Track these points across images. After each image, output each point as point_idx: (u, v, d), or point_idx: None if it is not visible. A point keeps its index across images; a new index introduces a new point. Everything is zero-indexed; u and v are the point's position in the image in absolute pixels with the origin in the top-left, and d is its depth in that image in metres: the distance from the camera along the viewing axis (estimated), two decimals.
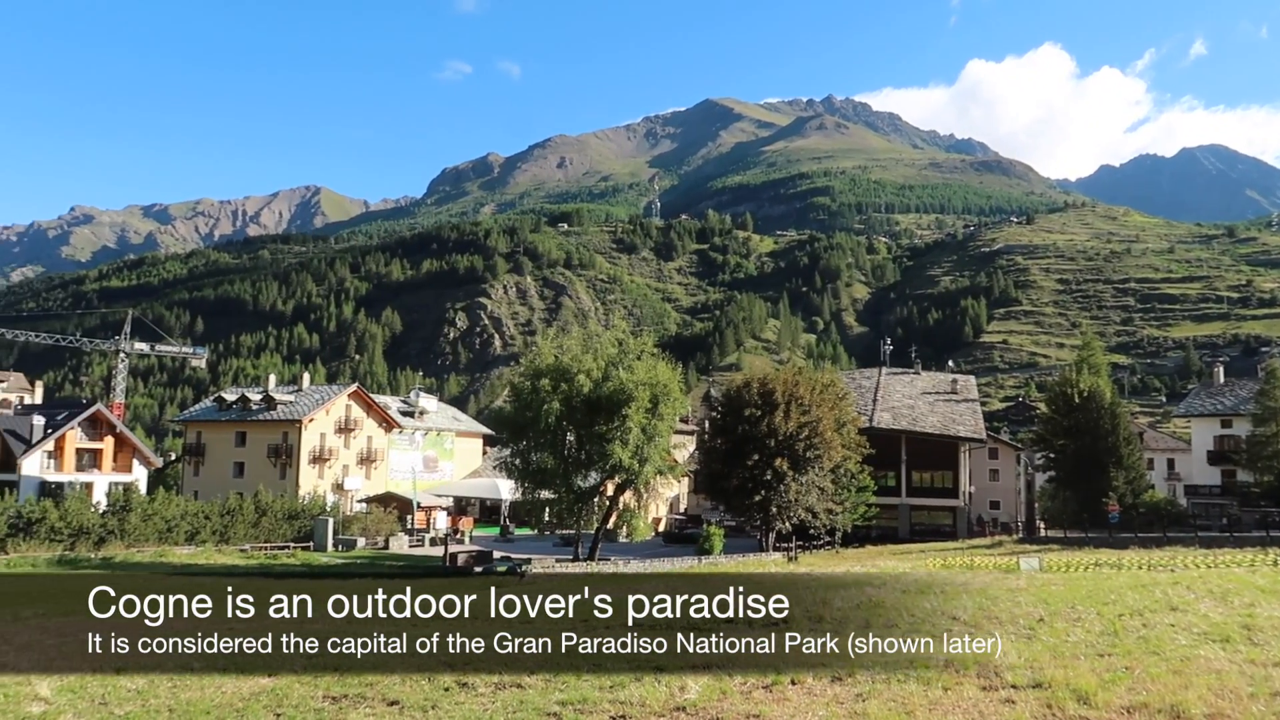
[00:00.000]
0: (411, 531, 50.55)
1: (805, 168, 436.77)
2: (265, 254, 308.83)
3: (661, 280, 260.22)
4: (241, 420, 63.60)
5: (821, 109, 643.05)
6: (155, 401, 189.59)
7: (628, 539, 48.59)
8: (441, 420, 74.72)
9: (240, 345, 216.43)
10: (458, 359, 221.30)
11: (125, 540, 40.19)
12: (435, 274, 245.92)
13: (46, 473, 58.17)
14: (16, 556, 34.23)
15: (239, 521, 45.02)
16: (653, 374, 35.03)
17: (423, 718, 9.14)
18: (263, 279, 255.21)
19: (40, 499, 45.88)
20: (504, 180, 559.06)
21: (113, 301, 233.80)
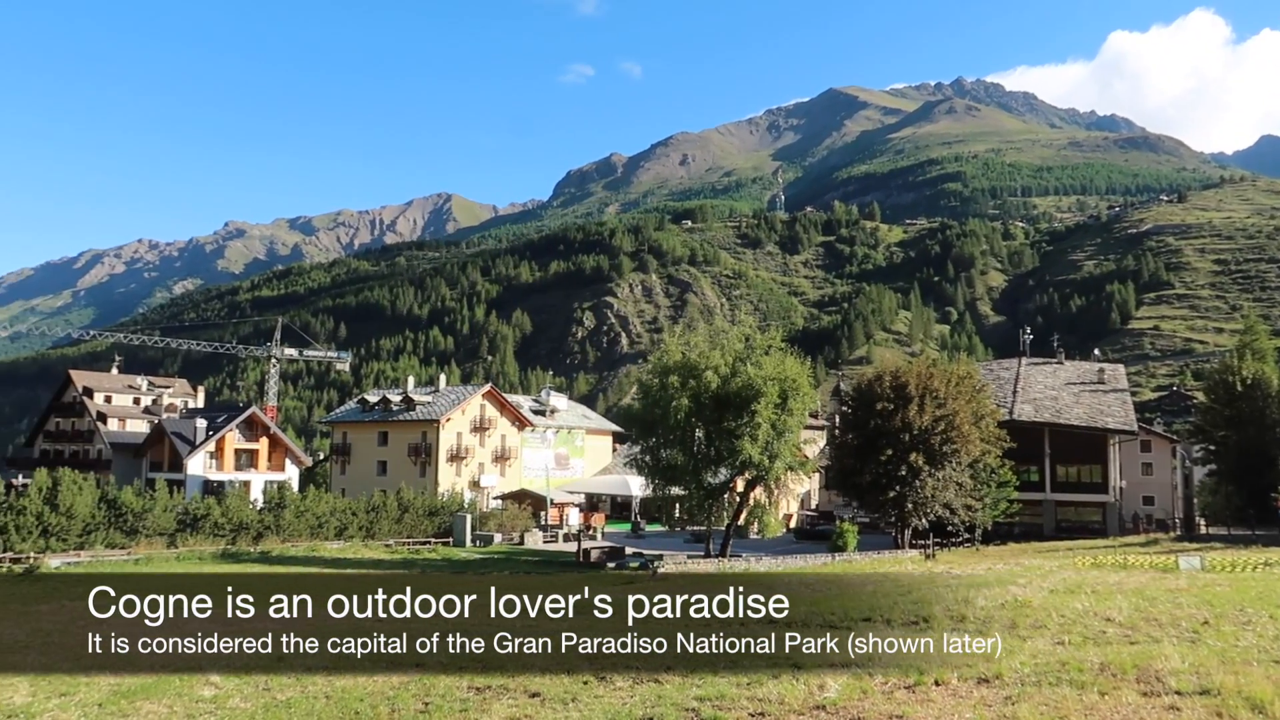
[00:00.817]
0: (545, 527, 51.58)
1: (935, 153, 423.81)
2: (401, 261, 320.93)
3: (787, 274, 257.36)
4: (383, 420, 66.24)
5: (951, 92, 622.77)
6: (304, 404, 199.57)
7: (759, 535, 48.26)
8: (572, 418, 75.98)
9: (380, 349, 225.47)
10: (586, 358, 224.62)
11: (281, 535, 42.45)
12: (563, 275, 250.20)
13: (209, 472, 62.09)
14: (185, 550, 36.61)
15: (383, 518, 46.91)
16: (781, 369, 34.66)
17: (563, 710, 9.30)
18: (399, 285, 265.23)
19: (204, 496, 48.99)
20: (627, 180, 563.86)
21: (264, 310, 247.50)
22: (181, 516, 41.87)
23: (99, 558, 34.61)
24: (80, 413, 73.32)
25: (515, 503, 54.63)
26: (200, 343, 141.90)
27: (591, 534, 49.15)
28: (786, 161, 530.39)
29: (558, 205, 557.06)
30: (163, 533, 40.24)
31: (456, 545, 44.34)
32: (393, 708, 9.26)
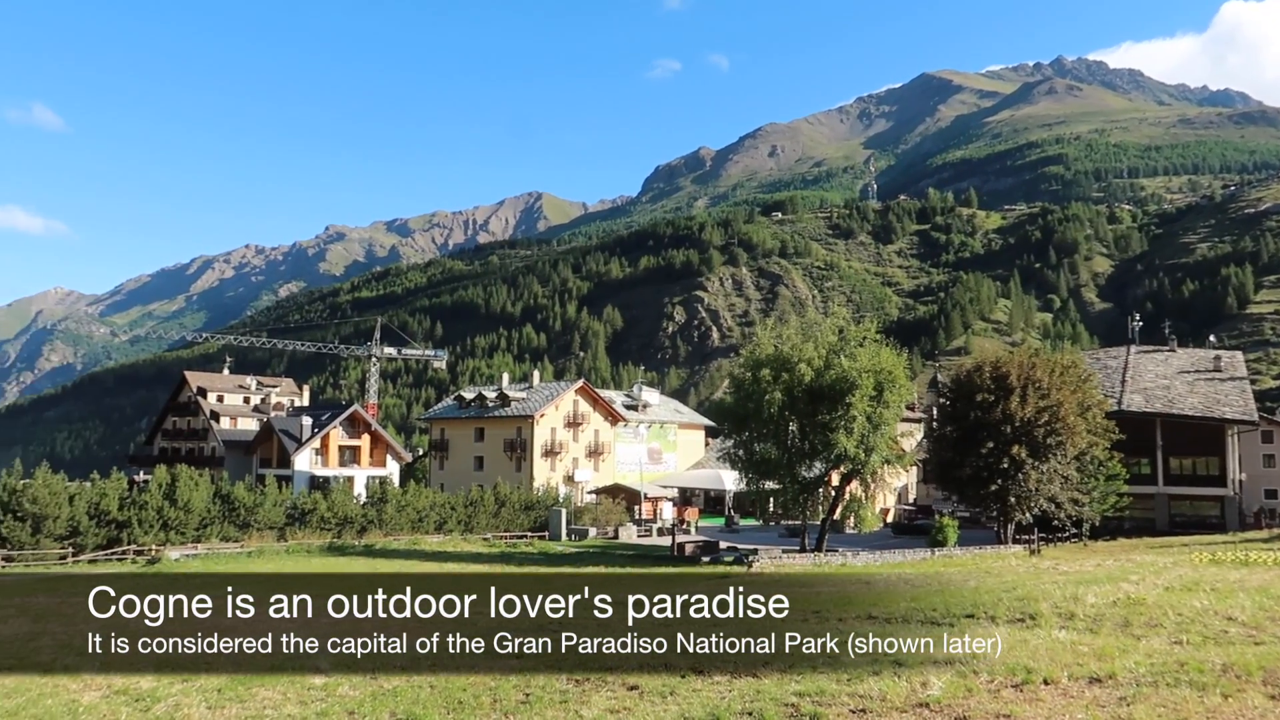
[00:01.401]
0: (639, 522, 51.83)
1: (1034, 136, 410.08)
2: (494, 260, 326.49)
3: (881, 264, 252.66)
4: (479, 417, 67.50)
5: (1050, 72, 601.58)
6: (403, 401, 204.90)
7: (855, 530, 47.55)
8: (664, 413, 76.13)
9: (475, 346, 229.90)
10: (677, 352, 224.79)
11: (383, 529, 43.69)
12: (653, 270, 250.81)
13: (315, 468, 64.23)
14: (294, 543, 37.97)
15: (481, 512, 47.82)
16: (876, 361, 34.05)
17: (661, 704, 9.32)
18: (493, 283, 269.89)
19: (310, 492, 50.73)
20: (716, 173, 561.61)
21: (364, 311, 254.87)
22: (290, 511, 43.46)
23: (214, 550, 36.18)
24: (195, 412, 76.70)
25: (609, 497, 55.03)
26: (304, 343, 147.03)
27: (685, 528, 49.18)
28: (878, 149, 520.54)
29: (647, 201, 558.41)
30: (273, 526, 41.84)
31: (552, 539, 44.91)
32: (494, 698, 9.42)
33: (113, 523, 37.97)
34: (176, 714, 8.75)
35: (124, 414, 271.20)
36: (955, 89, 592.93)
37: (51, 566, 33.49)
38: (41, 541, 35.67)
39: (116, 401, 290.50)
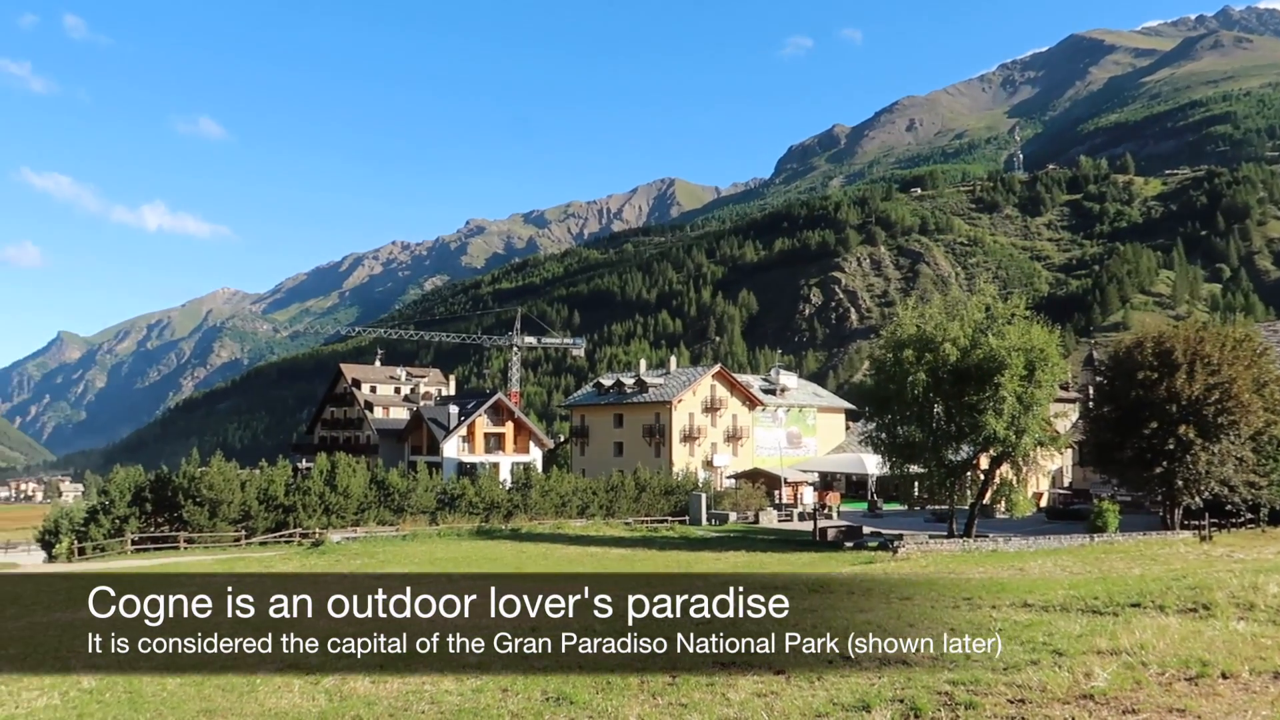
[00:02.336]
0: (779, 506, 51.43)
1: (1197, 94, 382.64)
2: (629, 248, 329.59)
3: (1028, 238, 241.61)
4: (618, 403, 68.34)
5: (1215, 24, 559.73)
6: (544, 389, 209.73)
7: (1006, 515, 45.80)
8: (802, 396, 75.20)
9: (612, 333, 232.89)
10: (814, 335, 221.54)
11: (528, 513, 44.90)
12: (787, 252, 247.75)
13: (462, 454, 66.49)
14: (444, 526, 39.48)
15: (622, 497, 48.49)
16: (1026, 338, 32.59)
17: (809, 688, 9.23)
18: (628, 271, 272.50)
19: (459, 477, 52.60)
20: (851, 151, 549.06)
21: (504, 302, 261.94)
22: (440, 496, 45.20)
23: (372, 533, 37.99)
24: (350, 402, 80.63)
25: (748, 482, 54.82)
26: (449, 335, 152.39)
27: (827, 513, 48.50)
28: (1024, 118, 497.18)
29: (780, 182, 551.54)
30: (425, 511, 43.63)
31: (693, 524, 45.11)
32: (641, 680, 9.54)
33: (280, 507, 40.41)
34: (344, 687, 9.23)
35: (286, 405, 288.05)
36: (1107, 49, 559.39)
37: (227, 548, 35.92)
38: (218, 525, 38.31)
39: (279, 393, 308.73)
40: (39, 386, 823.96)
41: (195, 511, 37.93)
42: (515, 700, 8.99)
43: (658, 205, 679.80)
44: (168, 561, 28.72)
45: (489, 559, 25.54)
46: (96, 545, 36.17)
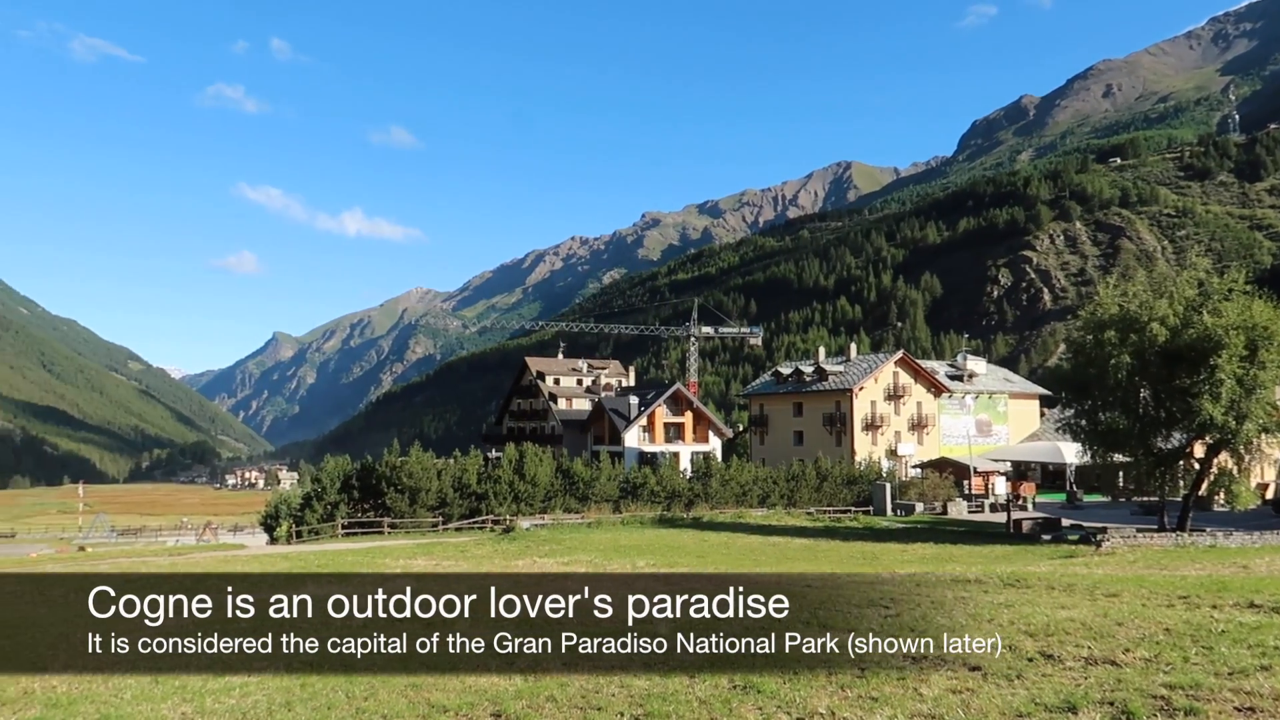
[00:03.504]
0: (969, 497, 49.44)
1: None
2: (805, 234, 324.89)
3: (1247, 206, 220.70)
4: (797, 392, 67.53)
5: None
6: (721, 379, 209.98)
7: (1225, 507, 42.20)
8: (991, 382, 71.89)
9: (789, 321, 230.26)
10: (1003, 318, 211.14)
11: (709, 503, 45.11)
12: (973, 232, 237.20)
13: (643, 444, 67.52)
14: (627, 515, 40.26)
15: (803, 486, 47.94)
16: (1247, 315, 29.77)
17: (1008, 686, 8.82)
18: (804, 258, 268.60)
19: (640, 467, 53.47)
20: (1040, 122, 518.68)
21: (680, 293, 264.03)
22: (623, 485, 46.11)
23: (559, 520, 39.22)
24: (535, 394, 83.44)
25: (935, 472, 52.98)
26: (627, 327, 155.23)
27: (1021, 504, 46.21)
28: (1239, 75, 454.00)
29: (963, 160, 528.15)
30: (608, 499, 44.63)
31: (876, 514, 44.03)
32: (829, 671, 9.40)
33: (473, 495, 42.36)
34: (539, 668, 9.56)
35: (476, 397, 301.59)
36: None
37: (426, 533, 37.99)
38: (417, 511, 40.59)
39: (469, 386, 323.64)
40: (258, 383, 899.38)
41: (397, 499, 40.32)
42: (703, 687, 9.06)
43: (834, 190, 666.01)
44: (374, 545, 30.67)
45: (671, 546, 25.84)
46: (311, 529, 39.09)
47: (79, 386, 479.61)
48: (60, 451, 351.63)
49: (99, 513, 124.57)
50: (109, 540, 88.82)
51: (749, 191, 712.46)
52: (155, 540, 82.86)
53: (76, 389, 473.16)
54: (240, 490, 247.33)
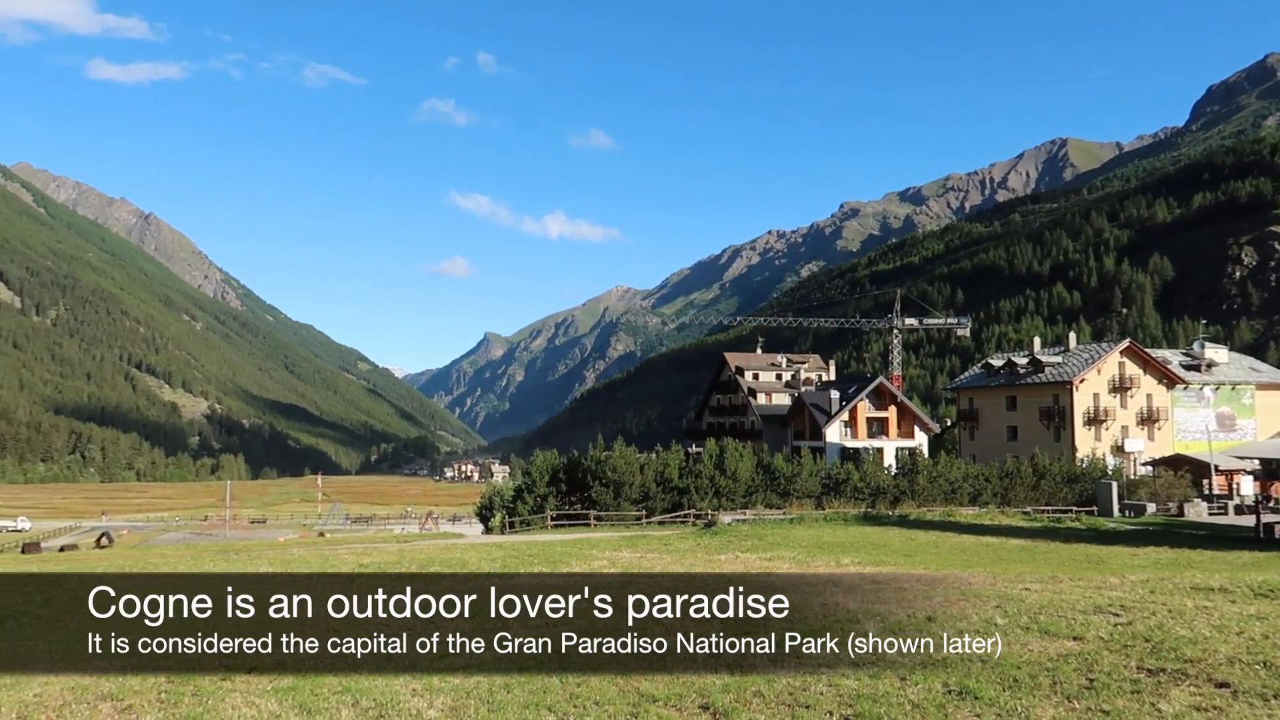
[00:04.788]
0: (1209, 497, 45.30)
1: None
2: (1015, 218, 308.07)
3: None
4: (1009, 385, 64.18)
5: None
6: (926, 372, 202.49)
7: None
8: (1235, 372, 65.53)
9: (999, 311, 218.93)
10: (1247, 301, 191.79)
11: (916, 500, 43.63)
12: (1210, 208, 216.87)
13: (844, 439, 66.24)
14: (830, 511, 39.60)
15: (1018, 484, 45.52)
16: None
17: (1261, 706, 8.02)
18: (1015, 243, 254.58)
19: (842, 462, 52.47)
20: None
21: (881, 284, 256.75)
22: (825, 481, 45.41)
23: (760, 516, 39.10)
24: (734, 389, 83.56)
25: (1168, 469, 48.91)
26: (826, 320, 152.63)
27: (1273, 505, 41.82)
28: None
29: (1197, 129, 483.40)
30: (809, 495, 44.08)
31: (1101, 514, 41.14)
32: (1053, 680, 8.88)
33: (675, 489, 42.97)
34: (744, 663, 9.57)
35: (675, 393, 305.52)
36: None
37: (630, 526, 38.87)
38: (621, 505, 41.61)
39: (669, 383, 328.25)
40: (471, 381, 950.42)
41: (602, 492, 41.50)
42: (915, 690, 8.78)
43: (1047, 169, 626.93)
44: (581, 536, 31.70)
45: (876, 544, 25.19)
46: (523, 520, 40.90)
47: (316, 386, 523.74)
48: (301, 445, 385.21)
49: (335, 501, 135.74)
50: (344, 527, 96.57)
51: (954, 176, 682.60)
52: (383, 528, 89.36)
53: (314, 388, 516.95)
54: (457, 482, 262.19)
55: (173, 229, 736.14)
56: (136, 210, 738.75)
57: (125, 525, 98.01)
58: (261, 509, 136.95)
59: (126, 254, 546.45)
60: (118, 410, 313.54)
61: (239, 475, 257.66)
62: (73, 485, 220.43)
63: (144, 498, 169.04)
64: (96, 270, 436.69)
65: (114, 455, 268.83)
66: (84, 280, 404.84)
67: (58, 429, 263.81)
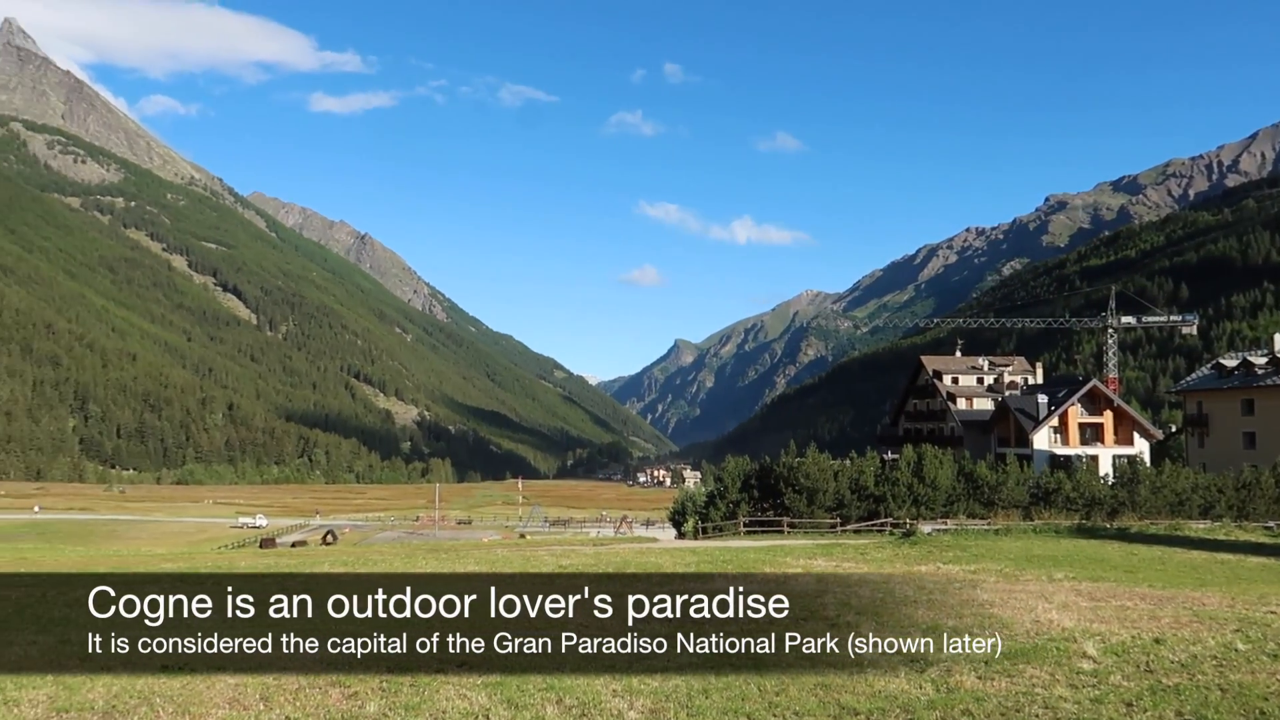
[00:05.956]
0: None
1: None
2: (1249, 204, 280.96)
3: None
4: (1245, 387, 58.58)
5: None
6: (1146, 374, 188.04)
7: None
8: None
9: (1231, 306, 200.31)
10: None
11: (1137, 512, 40.55)
12: None
13: (1053, 446, 62.48)
14: (1040, 522, 37.37)
15: (1257, 496, 41.44)
16: None
17: None
18: (1249, 231, 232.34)
19: (1052, 471, 49.46)
20: None
21: (1093, 280, 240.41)
22: (1033, 490, 42.97)
23: (962, 526, 37.45)
24: (932, 394, 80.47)
25: None
26: (1032, 320, 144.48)
27: None
28: None
29: None
30: (1016, 505, 41.80)
31: None
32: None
33: (870, 497, 41.84)
34: (950, 680, 9.18)
35: (868, 398, 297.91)
36: None
37: (824, 534, 38.17)
38: (815, 512, 40.93)
39: (862, 387, 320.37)
40: (662, 387, 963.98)
41: (795, 498, 40.98)
42: (1142, 716, 8.13)
43: None
44: (774, 543, 31.41)
45: (1093, 559, 23.52)
46: (715, 526, 40.98)
47: (515, 393, 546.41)
48: (502, 450, 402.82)
49: (534, 505, 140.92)
50: (543, 529, 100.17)
51: (1174, 161, 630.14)
52: (580, 531, 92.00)
53: (514, 395, 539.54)
54: (649, 487, 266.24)
55: (385, 247, 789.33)
56: (354, 231, 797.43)
57: (347, 524, 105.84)
58: (467, 510, 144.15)
59: (345, 272, 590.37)
60: (339, 417, 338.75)
61: (446, 478, 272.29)
62: (301, 486, 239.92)
63: (362, 498, 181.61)
64: (320, 288, 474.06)
65: (336, 458, 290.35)
66: (309, 298, 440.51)
67: (288, 434, 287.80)
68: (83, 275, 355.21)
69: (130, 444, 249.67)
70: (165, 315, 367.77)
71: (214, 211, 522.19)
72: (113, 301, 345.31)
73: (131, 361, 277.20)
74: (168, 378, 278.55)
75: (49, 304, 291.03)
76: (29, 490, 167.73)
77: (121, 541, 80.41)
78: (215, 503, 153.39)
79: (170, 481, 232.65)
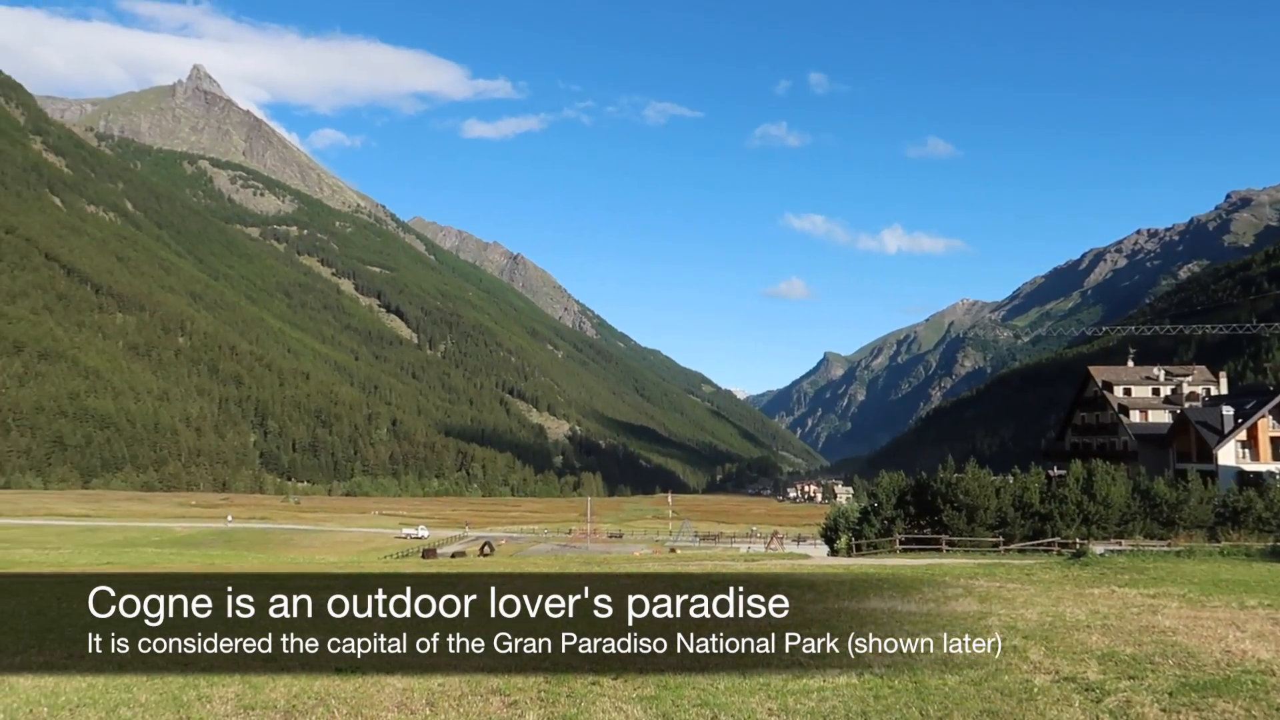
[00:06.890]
0: None
1: None
2: None
3: None
4: None
5: None
6: None
7: None
8: None
9: None
10: None
11: None
12: None
13: (1241, 462, 58.01)
14: (1227, 544, 34.67)
15: None
16: None
17: None
18: None
19: (1241, 488, 45.87)
20: None
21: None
22: (1218, 509, 40.04)
23: (1139, 546, 35.14)
24: (1101, 406, 76.12)
25: None
26: (1213, 326, 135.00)
27: None
28: None
29: None
30: (1200, 525, 39.03)
31: None
32: None
33: (1035, 515, 39.89)
34: (1130, 711, 8.61)
35: (1031, 411, 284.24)
36: None
37: (986, 553, 36.59)
38: (975, 530, 39.33)
39: (1023, 399, 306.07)
40: (812, 401, 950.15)
41: (954, 516, 39.52)
42: None
43: None
44: (931, 562, 30.33)
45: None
46: (870, 543, 39.96)
47: (664, 408, 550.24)
48: (651, 464, 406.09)
49: (684, 519, 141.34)
50: (693, 544, 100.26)
51: None
52: (730, 546, 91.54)
53: (662, 410, 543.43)
54: (800, 503, 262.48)
55: (537, 266, 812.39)
56: (507, 252, 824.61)
57: (504, 536, 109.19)
58: (617, 524, 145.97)
59: (499, 292, 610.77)
60: (494, 432, 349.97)
61: (596, 492, 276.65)
62: (460, 499, 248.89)
63: (517, 511, 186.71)
64: (475, 308, 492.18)
65: (493, 472, 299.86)
66: (465, 317, 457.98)
67: (448, 449, 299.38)
68: (262, 300, 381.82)
69: (304, 458, 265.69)
70: (335, 336, 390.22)
71: (378, 237, 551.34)
72: (288, 324, 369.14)
73: (305, 380, 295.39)
74: (337, 395, 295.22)
75: (233, 327, 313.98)
76: (215, 501, 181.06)
77: (296, 549, 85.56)
78: (381, 514, 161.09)
79: (340, 493, 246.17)
